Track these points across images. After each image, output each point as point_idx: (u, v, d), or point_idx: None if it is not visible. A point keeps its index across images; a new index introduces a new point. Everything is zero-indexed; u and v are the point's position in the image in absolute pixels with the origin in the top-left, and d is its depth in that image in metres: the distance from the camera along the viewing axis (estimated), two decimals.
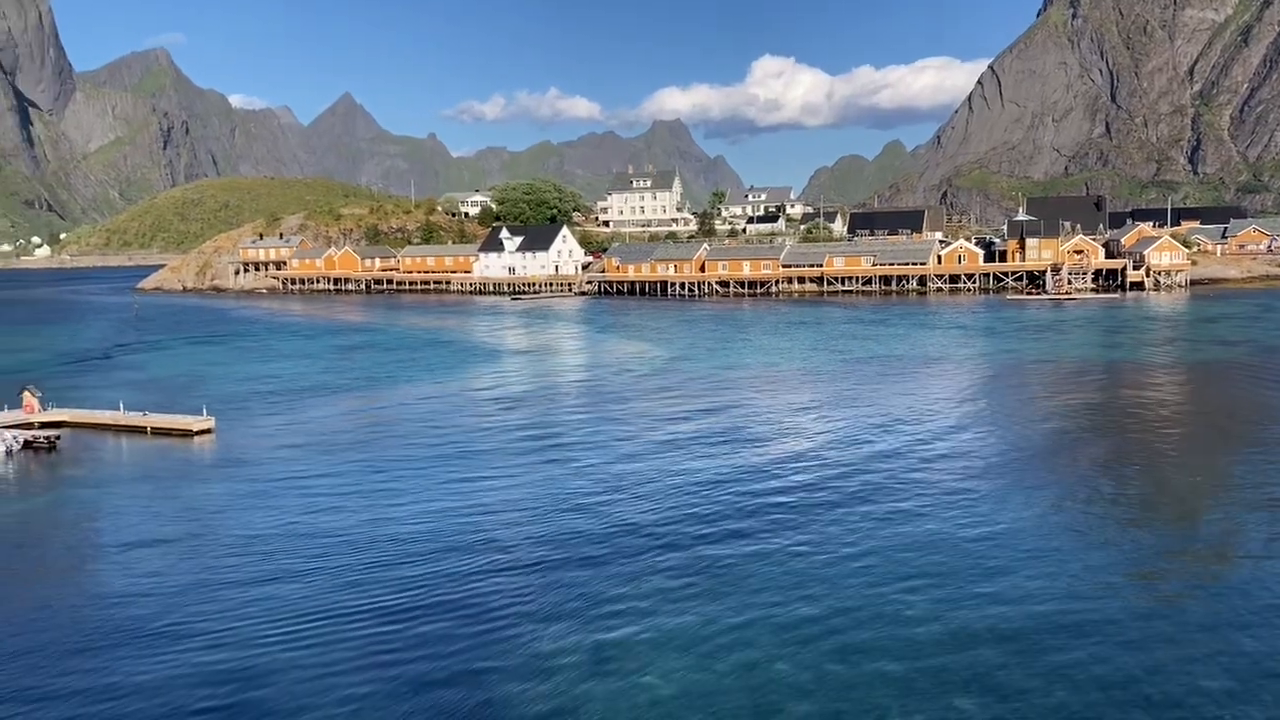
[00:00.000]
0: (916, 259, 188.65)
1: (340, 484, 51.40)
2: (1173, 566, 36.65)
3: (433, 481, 51.46)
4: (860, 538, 40.31)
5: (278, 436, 65.26)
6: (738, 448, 58.05)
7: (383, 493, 49.30)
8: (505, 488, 49.94)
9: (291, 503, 47.92)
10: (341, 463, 56.57)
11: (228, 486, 52.06)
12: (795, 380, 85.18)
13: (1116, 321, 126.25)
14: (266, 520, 44.98)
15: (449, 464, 55.59)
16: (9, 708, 26.88)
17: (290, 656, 29.95)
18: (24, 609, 34.62)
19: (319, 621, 32.55)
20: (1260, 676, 27.44)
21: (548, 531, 42.14)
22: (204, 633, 31.92)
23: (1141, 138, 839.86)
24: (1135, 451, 55.29)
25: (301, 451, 60.18)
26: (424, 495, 48.68)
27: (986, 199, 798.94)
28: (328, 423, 70.14)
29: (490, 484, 50.76)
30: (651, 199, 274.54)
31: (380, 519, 44.50)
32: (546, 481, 50.96)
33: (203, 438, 64.91)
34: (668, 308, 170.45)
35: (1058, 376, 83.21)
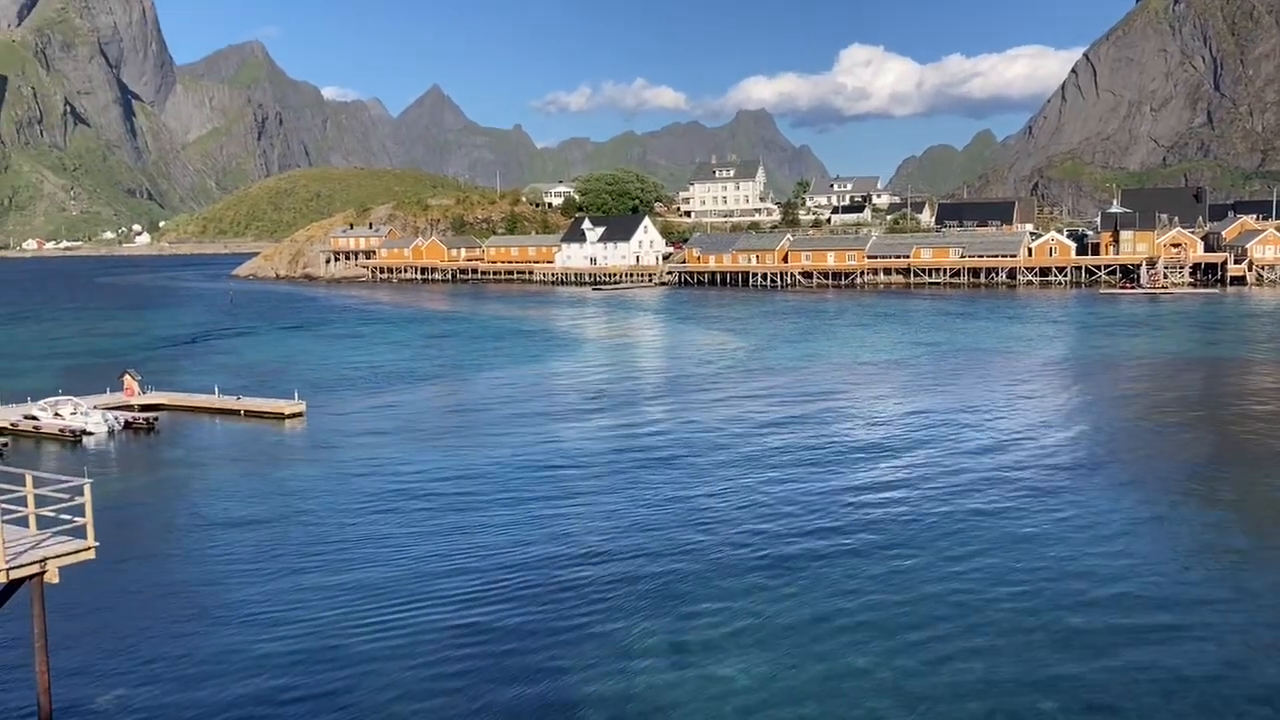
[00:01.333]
0: (1006, 251, 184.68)
1: (426, 471, 52.15)
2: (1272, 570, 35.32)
3: (517, 473, 51.88)
4: (957, 538, 39.58)
5: (366, 422, 66.52)
6: (824, 443, 57.49)
7: (468, 480, 49.87)
8: (589, 481, 50.14)
9: (378, 487, 48.77)
10: (428, 449, 57.42)
11: (317, 469, 53.22)
12: (882, 374, 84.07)
13: (1215, 317, 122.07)
14: (354, 504, 45.85)
15: (533, 456, 56.03)
16: (102, 685, 27.75)
17: (371, 645, 30.41)
18: (119, 586, 35.80)
19: (401, 609, 32.92)
20: None
21: (633, 528, 42.10)
22: (290, 619, 32.56)
23: (1246, 127, 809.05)
24: (1237, 452, 53.38)
25: (389, 437, 61.25)
26: (509, 486, 49.09)
27: (1079, 190, 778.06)
28: (415, 409, 71.29)
29: (575, 478, 51.00)
30: (734, 189, 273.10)
31: (465, 507, 45.01)
32: (629, 475, 51.02)
33: (294, 421, 66.44)
34: (749, 299, 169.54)
35: (1154, 373, 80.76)
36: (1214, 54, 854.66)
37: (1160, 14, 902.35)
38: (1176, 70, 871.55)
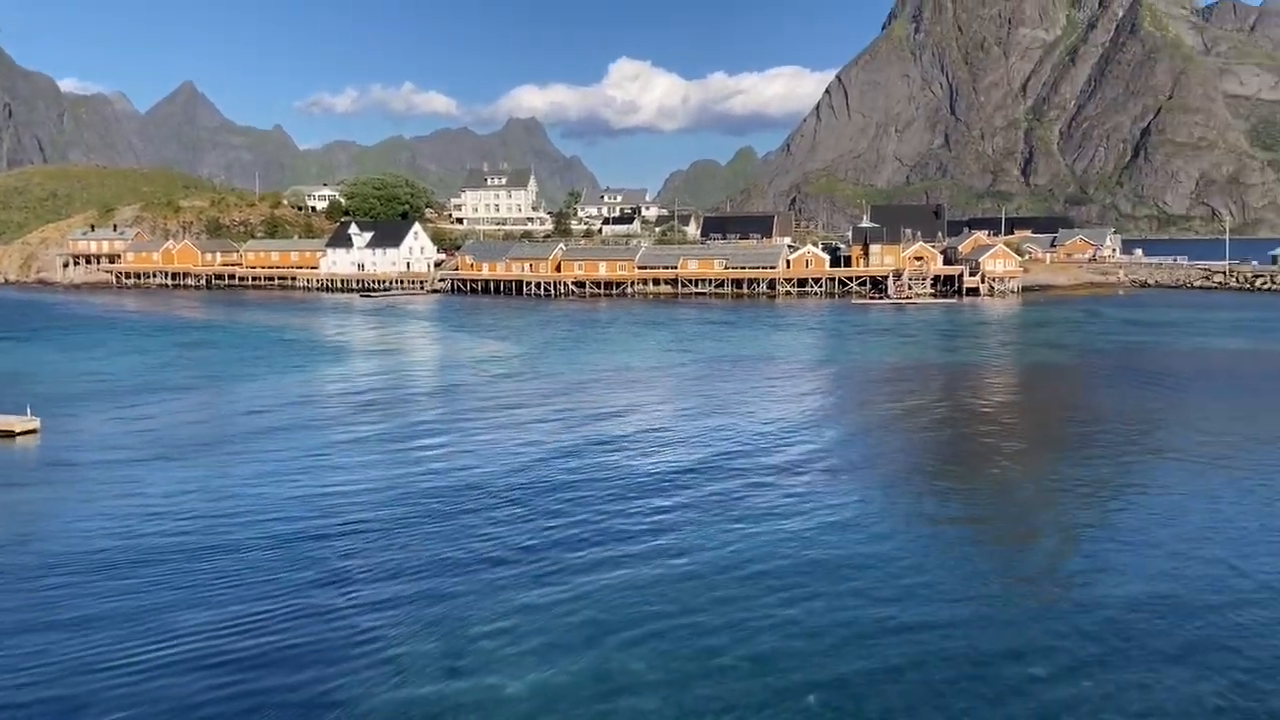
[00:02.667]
0: (767, 263, 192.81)
1: (178, 488, 49.12)
2: (1005, 562, 38.45)
3: (277, 485, 49.70)
4: (709, 538, 40.85)
5: (110, 438, 61.99)
6: (591, 447, 58.12)
7: (223, 498, 47.32)
8: (354, 492, 48.64)
9: (124, 508, 45.52)
10: (180, 465, 54.10)
11: (52, 491, 49.15)
12: (650, 380, 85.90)
13: (954, 326, 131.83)
14: (95, 527, 42.61)
15: (294, 466, 53.83)
16: None
17: (116, 674, 28.37)
18: None
19: (148, 638, 30.91)
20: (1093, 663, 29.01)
21: (397, 538, 41.22)
22: (15, 656, 29.93)
23: (978, 150, 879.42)
24: (972, 449, 57.80)
25: (136, 453, 57.29)
26: (267, 500, 46.95)
27: (833, 206, 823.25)
28: (165, 423, 67.03)
29: (339, 488, 49.35)
30: (506, 197, 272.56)
31: (220, 526, 42.68)
32: (398, 484, 49.87)
33: (26, 439, 61.12)
34: (523, 307, 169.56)
35: (899, 378, 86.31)
36: (950, 81, 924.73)
37: (903, 41, 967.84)
38: (918, 95, 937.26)
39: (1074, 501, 45.99)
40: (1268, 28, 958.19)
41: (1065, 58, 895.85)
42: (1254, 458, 53.53)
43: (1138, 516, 43.10)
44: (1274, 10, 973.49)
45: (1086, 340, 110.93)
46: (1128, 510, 44.16)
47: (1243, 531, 40.68)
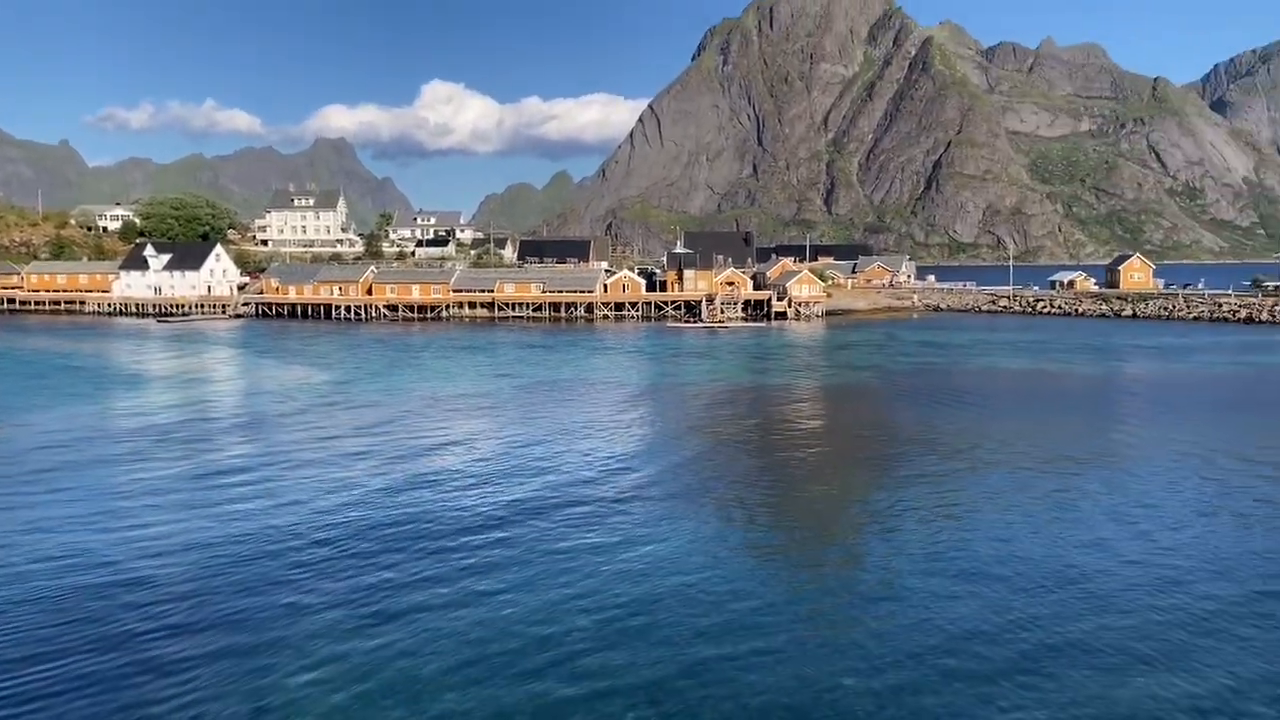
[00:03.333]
0: (584, 287, 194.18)
1: None
2: (807, 573, 39.79)
3: (56, 533, 46.36)
4: (532, 576, 40.62)
5: None
6: (408, 480, 56.87)
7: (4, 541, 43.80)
8: (146, 538, 45.91)
9: None
10: None
11: None
12: (468, 406, 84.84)
13: (763, 348, 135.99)
14: None
15: (77, 510, 50.41)
16: None
17: None
18: None
19: None
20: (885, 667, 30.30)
21: (194, 590, 39.03)
22: None
23: (784, 179, 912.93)
24: (784, 471, 59.62)
25: None
26: (44, 551, 43.70)
27: (648, 231, 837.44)
28: None
29: (128, 534, 46.46)
30: (314, 218, 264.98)
31: None
32: (195, 529, 47.36)
33: None
34: (332, 332, 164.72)
35: (715, 400, 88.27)
36: (757, 112, 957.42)
37: (712, 73, 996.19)
38: (727, 125, 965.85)
39: (878, 519, 48.05)
40: (1044, 70, 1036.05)
41: (863, 93, 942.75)
42: (1041, 470, 57.32)
43: (941, 533, 45.39)
44: (1048, 54, 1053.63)
45: (886, 361, 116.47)
46: (932, 527, 46.43)
47: (1034, 543, 43.45)
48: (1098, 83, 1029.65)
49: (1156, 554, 41.30)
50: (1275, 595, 36.40)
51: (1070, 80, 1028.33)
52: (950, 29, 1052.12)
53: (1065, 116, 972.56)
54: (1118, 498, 50.54)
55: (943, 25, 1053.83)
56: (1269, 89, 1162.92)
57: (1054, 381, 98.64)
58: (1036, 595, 36.48)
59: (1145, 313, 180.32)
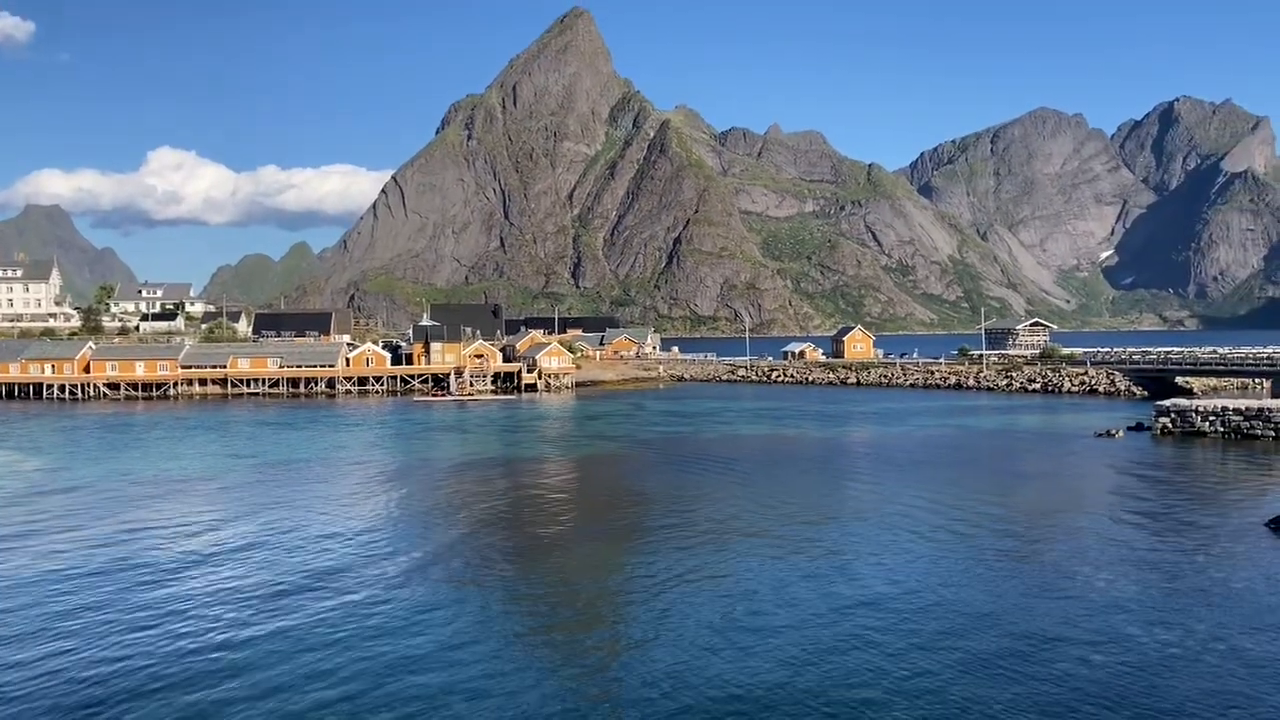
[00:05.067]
0: (325, 361, 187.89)
1: None
2: (559, 643, 39.54)
3: None
4: (268, 645, 38.22)
5: None
6: (126, 572, 52.38)
7: None
8: None
9: None
10: None
11: None
12: (197, 490, 79.43)
13: (514, 421, 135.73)
14: None
15: None
16: None
17: None
18: None
19: None
20: None
21: None
22: None
23: (532, 253, 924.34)
24: (536, 543, 59.21)
25: None
26: None
27: (393, 303, 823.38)
28: None
29: None
30: (23, 290, 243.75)
31: None
32: None
33: None
34: (44, 413, 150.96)
35: (464, 474, 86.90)
36: (503, 187, 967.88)
37: (456, 147, 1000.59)
38: (474, 198, 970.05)
39: (634, 588, 48.47)
40: (771, 154, 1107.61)
41: (606, 171, 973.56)
42: (781, 531, 59.76)
43: (695, 596, 46.27)
44: (775, 139, 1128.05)
45: (634, 431, 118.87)
46: (684, 590, 47.25)
47: (779, 600, 45.04)
48: (819, 167, 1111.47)
49: (896, 609, 43.77)
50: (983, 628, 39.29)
51: (795, 164, 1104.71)
52: (685, 113, 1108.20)
53: (791, 198, 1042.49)
54: (851, 553, 53.34)
55: (678, 109, 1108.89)
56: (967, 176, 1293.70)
57: (790, 445, 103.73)
58: (789, 650, 37.74)
59: (868, 380, 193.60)
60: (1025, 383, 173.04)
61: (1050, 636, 39.00)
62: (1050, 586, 46.60)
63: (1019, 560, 51.90)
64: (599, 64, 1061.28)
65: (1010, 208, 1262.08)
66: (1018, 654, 37.12)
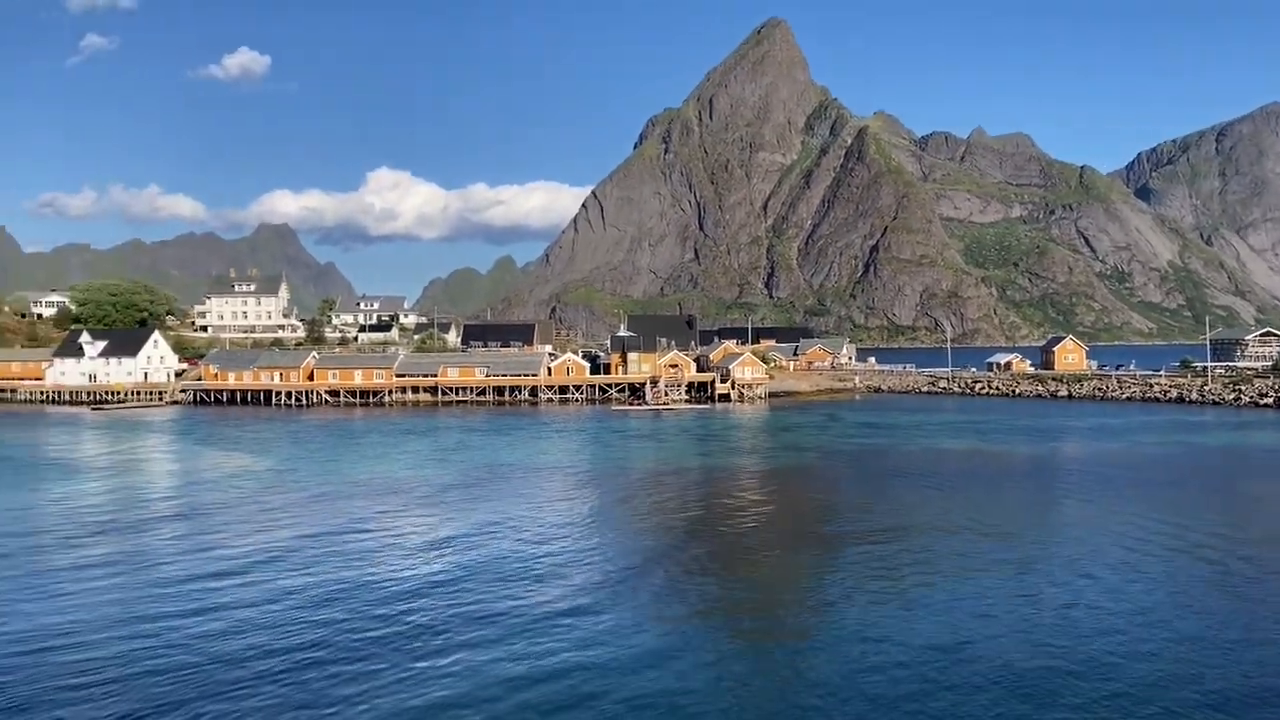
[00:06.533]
0: (528, 370, 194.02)
1: None
2: (754, 647, 39.50)
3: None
4: (464, 654, 39.90)
5: None
6: (347, 566, 55.79)
7: None
8: (84, 621, 44.46)
9: None
10: None
11: None
12: (410, 491, 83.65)
13: (708, 430, 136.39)
14: None
15: (10, 592, 48.72)
16: None
17: None
18: None
19: None
20: None
21: (130, 662, 37.83)
22: None
23: (725, 264, 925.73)
24: (728, 552, 59.40)
25: None
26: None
27: (592, 314, 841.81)
28: None
29: (66, 617, 44.97)
30: (255, 304, 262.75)
31: None
32: (128, 606, 45.91)
33: None
34: (273, 418, 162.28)
35: (658, 482, 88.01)
36: (698, 199, 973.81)
37: (654, 161, 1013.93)
38: (669, 211, 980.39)
39: (830, 600, 47.97)
40: (975, 158, 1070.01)
41: (801, 180, 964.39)
42: (985, 550, 57.77)
43: (889, 614, 45.39)
44: (979, 143, 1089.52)
45: (829, 442, 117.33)
46: (880, 609, 46.42)
47: (980, 623, 43.62)
48: (1027, 170, 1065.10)
49: (1108, 629, 41.64)
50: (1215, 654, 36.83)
51: (1001, 168, 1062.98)
52: (884, 119, 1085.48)
53: (997, 203, 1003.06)
54: (1062, 575, 51.01)
55: (877, 116, 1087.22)
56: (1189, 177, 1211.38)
57: (995, 461, 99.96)
58: (985, 675, 36.52)
59: (1080, 393, 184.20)
60: (1256, 397, 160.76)
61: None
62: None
63: (1261, 589, 48.36)
64: (795, 73, 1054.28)
65: (1238, 210, 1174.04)
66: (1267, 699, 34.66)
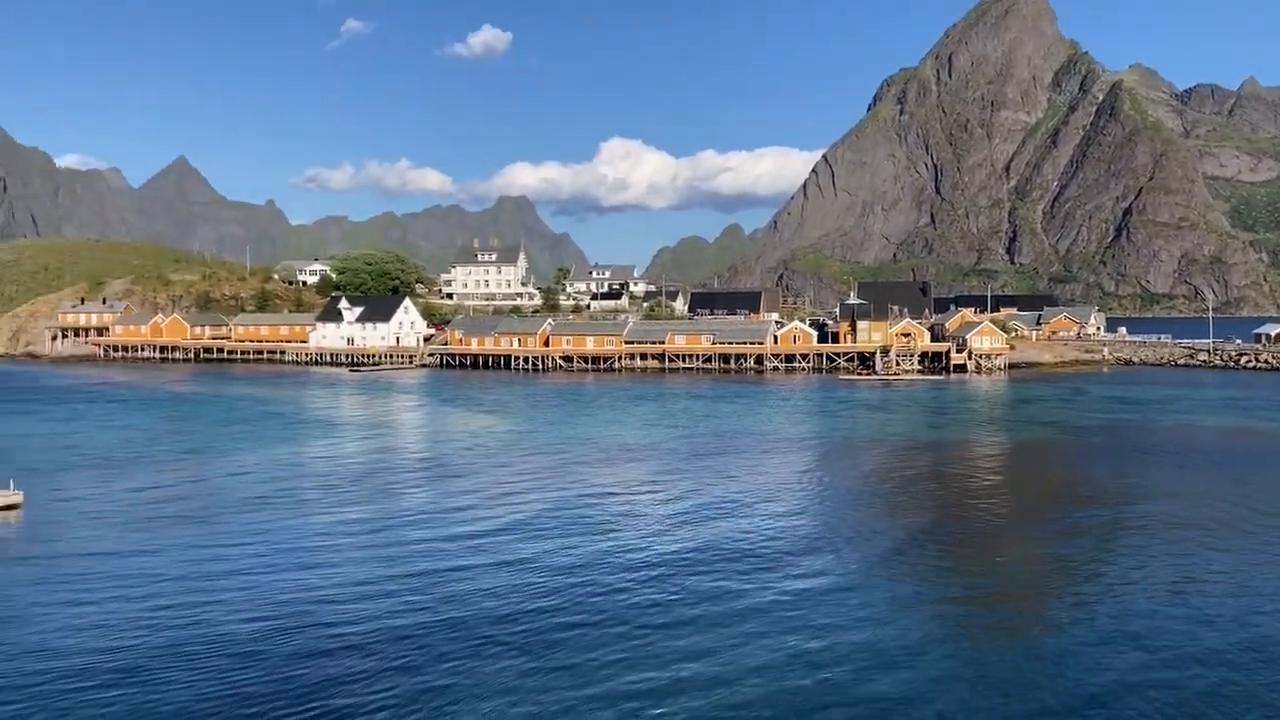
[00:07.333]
0: (754, 338, 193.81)
1: (160, 568, 48.48)
2: (981, 628, 38.14)
3: (263, 566, 49.08)
4: (694, 609, 40.47)
5: (93, 511, 61.38)
6: (583, 526, 57.76)
7: (207, 582, 46.45)
8: (342, 571, 48.11)
9: (104, 586, 44.90)
10: (163, 542, 53.49)
11: (35, 568, 48.44)
12: (638, 455, 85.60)
13: (941, 402, 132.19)
14: (75, 605, 41.98)
15: (280, 541, 53.34)
16: None
17: None
18: None
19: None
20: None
21: (384, 622, 40.49)
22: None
23: (963, 228, 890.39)
24: (958, 525, 57.56)
25: (118, 527, 56.70)
26: (252, 583, 46.24)
27: (820, 282, 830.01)
28: (149, 496, 66.43)
29: (325, 569, 48.77)
30: (496, 273, 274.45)
31: (203, 612, 41.74)
32: (386, 565, 49.25)
33: (8, 513, 60.43)
34: (511, 382, 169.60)
35: (888, 455, 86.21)
36: (935, 161, 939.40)
37: (888, 123, 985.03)
38: (904, 174, 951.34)
39: (1076, 585, 45.74)
40: (1246, 111, 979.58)
41: (1047, 139, 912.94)
42: (1248, 538, 53.43)
43: (1139, 593, 42.86)
44: (1251, 95, 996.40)
45: (1074, 417, 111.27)
46: (1130, 587, 43.91)
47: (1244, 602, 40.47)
48: None
49: None
50: None
51: (1275, 121, 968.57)
52: (1141, 73, 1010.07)
53: (1270, 160, 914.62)
54: None
55: (1133, 69, 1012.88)
56: None
57: (1264, 441, 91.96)
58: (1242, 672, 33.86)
59: None
60: None
61: None
62: None
63: None
64: (1043, 26, 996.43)
65: None
66: None
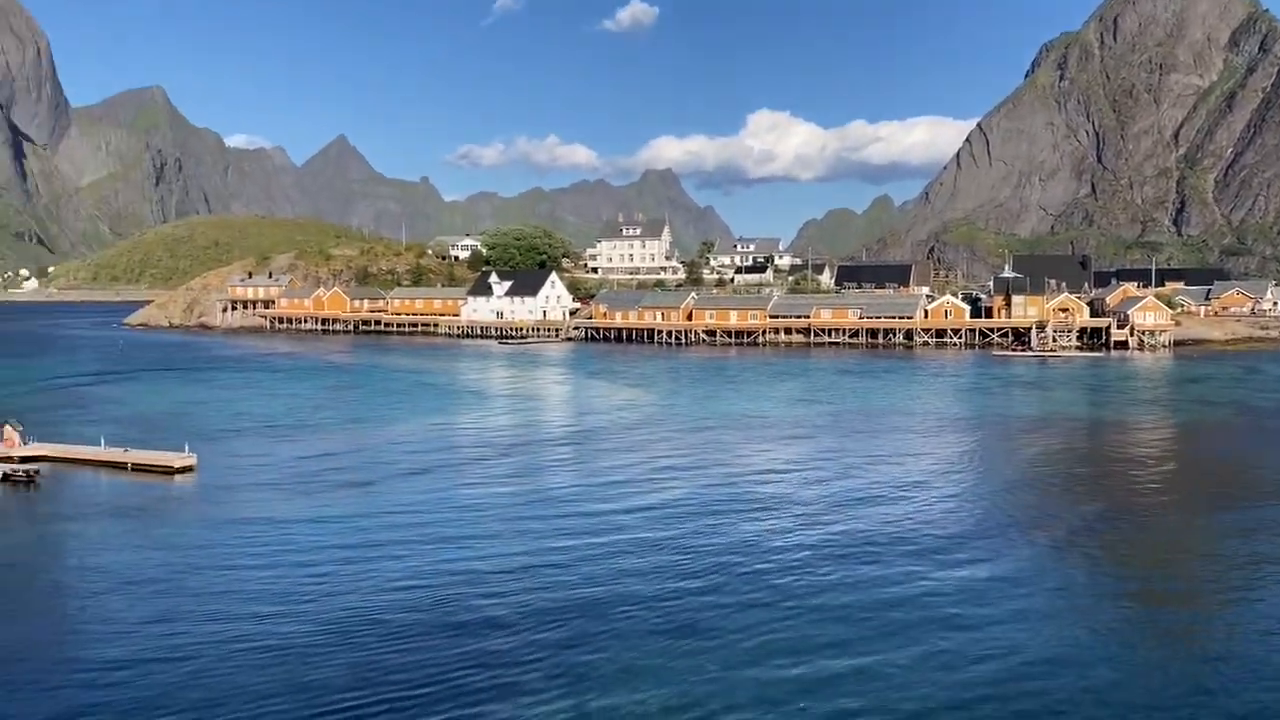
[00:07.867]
0: (903, 312, 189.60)
1: (323, 529, 50.87)
2: (1152, 627, 36.53)
3: (415, 538, 50.79)
4: (845, 596, 40.07)
5: (261, 476, 64.74)
6: (730, 508, 57.83)
7: (366, 543, 48.49)
8: (491, 540, 49.46)
9: (273, 545, 47.37)
10: (325, 505, 56.07)
11: (208, 527, 51.47)
12: (783, 432, 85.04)
13: (1101, 380, 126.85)
14: (247, 563, 44.43)
15: (434, 512, 55.21)
16: None
17: (271, 708, 29.34)
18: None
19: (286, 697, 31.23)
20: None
21: (533, 592, 41.23)
22: (176, 681, 31.33)
23: (1126, 199, 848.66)
24: (1122, 512, 55.24)
25: (285, 492, 59.66)
26: (407, 546, 48.06)
27: (973, 255, 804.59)
28: (313, 463, 69.64)
29: (475, 538, 50.22)
30: (640, 247, 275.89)
31: (362, 571, 43.64)
32: (532, 540, 50.29)
33: (184, 475, 64.30)
34: (655, 355, 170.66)
35: (1046, 436, 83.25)
36: (1097, 129, 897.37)
37: (1047, 89, 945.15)
38: (1063, 143, 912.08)
39: (1266, 584, 43.45)
40: None
41: (1221, 104, 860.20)
42: None
43: None
44: None
45: (1245, 397, 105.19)
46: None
47: None
48: None
49: None
50: None
51: None
52: None
53: None
54: None
55: None
56: None
57: None
58: None
59: None
60: None
61: None
62: None
63: None
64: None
65: None
66: None
